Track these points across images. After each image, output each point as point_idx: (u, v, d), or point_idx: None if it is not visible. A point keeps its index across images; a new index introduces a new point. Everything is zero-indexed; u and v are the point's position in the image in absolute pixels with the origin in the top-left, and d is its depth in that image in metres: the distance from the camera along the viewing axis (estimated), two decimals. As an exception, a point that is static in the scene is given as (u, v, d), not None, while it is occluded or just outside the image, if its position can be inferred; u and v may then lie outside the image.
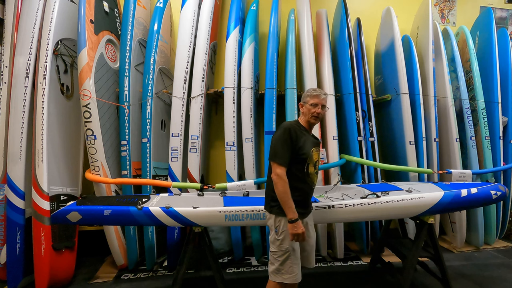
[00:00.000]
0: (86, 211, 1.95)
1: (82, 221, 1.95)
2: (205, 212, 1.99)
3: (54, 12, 2.45)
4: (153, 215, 1.95)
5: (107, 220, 1.97)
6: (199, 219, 1.99)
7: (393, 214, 2.15)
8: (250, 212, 2.00)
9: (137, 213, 1.95)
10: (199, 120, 2.65)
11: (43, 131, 2.33)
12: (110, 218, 1.96)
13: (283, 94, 2.82)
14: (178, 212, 1.96)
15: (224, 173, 2.69)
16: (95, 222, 1.98)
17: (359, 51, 3.07)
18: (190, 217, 1.97)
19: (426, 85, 3.10)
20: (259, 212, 1.99)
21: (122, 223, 2.08)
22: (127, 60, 2.71)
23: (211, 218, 1.99)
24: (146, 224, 2.06)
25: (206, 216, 1.99)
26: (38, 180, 2.31)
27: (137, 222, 1.98)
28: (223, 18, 3.37)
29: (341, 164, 2.79)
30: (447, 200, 2.08)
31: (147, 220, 1.96)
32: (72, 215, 1.94)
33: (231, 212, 1.99)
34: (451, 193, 2.10)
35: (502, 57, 3.33)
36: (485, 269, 2.70)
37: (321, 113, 1.75)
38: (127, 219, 1.96)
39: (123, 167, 2.67)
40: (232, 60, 2.72)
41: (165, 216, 1.95)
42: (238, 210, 2.00)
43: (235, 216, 1.99)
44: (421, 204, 2.07)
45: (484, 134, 3.14)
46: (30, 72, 2.41)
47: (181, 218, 1.96)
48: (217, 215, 1.98)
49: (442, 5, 3.99)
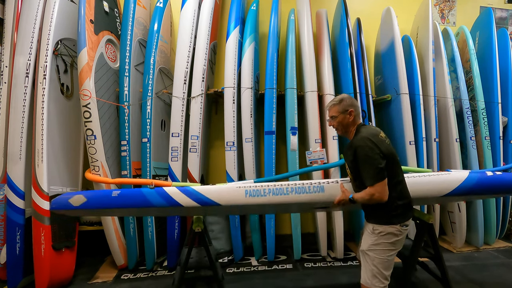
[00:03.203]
0: (92, 194, 1.81)
1: (86, 204, 1.77)
2: (223, 188, 1.89)
3: (54, 12, 2.45)
4: (167, 194, 1.82)
5: (115, 202, 1.79)
6: (217, 195, 1.85)
7: (419, 191, 1.97)
8: (272, 187, 1.87)
9: (149, 193, 1.82)
10: (199, 120, 2.65)
11: (43, 131, 2.33)
12: (119, 200, 1.79)
13: (283, 94, 2.82)
14: (195, 190, 1.84)
15: (224, 173, 2.69)
16: (101, 205, 1.79)
17: (359, 51, 3.07)
18: (207, 194, 1.84)
19: (426, 85, 3.10)
20: (281, 186, 1.88)
21: (132, 205, 1.84)
22: (127, 60, 2.71)
23: (230, 194, 1.86)
24: (160, 205, 1.82)
25: (225, 192, 1.87)
26: (38, 180, 2.31)
27: (150, 203, 1.80)
28: (223, 18, 3.37)
29: (341, 164, 2.79)
30: (474, 180, 1.98)
31: (161, 201, 1.81)
32: (75, 199, 1.77)
33: (251, 187, 1.87)
34: (476, 172, 2.05)
35: (502, 57, 3.33)
36: (485, 269, 2.70)
37: (333, 124, 1.76)
38: (138, 200, 1.81)
39: (123, 167, 2.67)
40: (232, 60, 2.72)
41: (180, 195, 1.82)
42: (259, 185, 1.88)
43: (256, 191, 1.86)
44: (447, 181, 1.98)
45: (484, 134, 3.14)
46: (30, 72, 2.41)
47: (199, 196, 1.83)
48: (236, 191, 1.87)
49: (442, 5, 3.99)
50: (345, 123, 1.72)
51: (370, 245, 1.62)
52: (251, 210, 2.33)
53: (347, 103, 1.72)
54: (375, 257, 1.60)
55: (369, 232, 1.66)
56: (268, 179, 2.60)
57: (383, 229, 1.60)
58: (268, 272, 2.67)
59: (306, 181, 1.93)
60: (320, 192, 1.90)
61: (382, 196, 1.53)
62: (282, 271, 2.69)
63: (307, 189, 1.90)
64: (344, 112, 1.71)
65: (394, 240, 1.60)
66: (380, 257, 1.60)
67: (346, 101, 1.72)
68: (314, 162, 2.71)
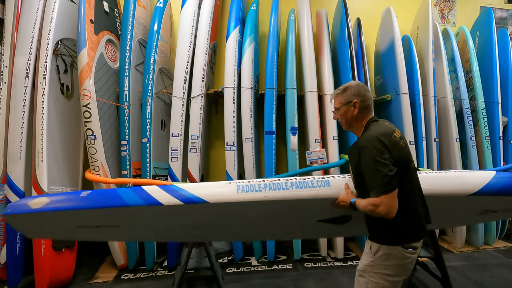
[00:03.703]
0: (57, 195, 1.58)
1: (47, 207, 1.49)
2: (211, 183, 1.68)
3: (54, 12, 2.45)
4: (145, 191, 1.56)
5: (83, 203, 1.50)
6: (203, 191, 1.58)
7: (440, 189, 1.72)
8: (269, 182, 1.61)
9: (124, 192, 1.57)
10: (199, 120, 2.65)
11: (43, 131, 2.33)
12: (88, 199, 1.52)
13: (283, 94, 2.82)
14: (177, 186, 1.60)
15: (224, 173, 2.69)
16: (66, 206, 1.50)
17: (359, 51, 3.07)
18: (191, 189, 1.57)
19: (426, 85, 3.10)
20: (280, 181, 1.62)
21: (104, 205, 1.54)
22: (127, 60, 2.71)
23: (218, 190, 1.61)
24: (136, 204, 1.53)
25: (213, 187, 1.63)
26: (38, 180, 2.31)
27: (124, 203, 1.52)
28: (223, 18, 3.37)
29: (341, 164, 2.79)
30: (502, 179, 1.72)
31: (137, 200, 1.53)
32: (36, 201, 1.51)
33: (244, 182, 1.61)
34: (504, 173, 1.81)
35: (502, 57, 3.33)
36: (485, 269, 2.70)
37: (337, 118, 1.49)
38: (111, 199, 1.53)
39: (123, 167, 2.67)
40: (232, 60, 2.72)
41: (161, 193, 1.56)
42: (254, 180, 1.63)
43: (250, 186, 1.59)
44: (471, 180, 1.72)
45: (484, 134, 3.14)
46: (30, 72, 2.41)
47: (181, 192, 1.56)
48: (226, 186, 1.61)
49: (442, 5, 3.99)
50: (349, 116, 1.41)
51: (365, 266, 1.34)
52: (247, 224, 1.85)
53: (352, 92, 1.40)
54: (370, 281, 1.31)
55: (367, 250, 1.37)
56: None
57: (381, 250, 1.29)
58: (268, 272, 2.67)
59: (308, 176, 1.70)
60: (326, 186, 1.59)
61: (389, 210, 1.23)
62: (282, 271, 2.69)
63: (310, 183, 1.60)
64: (347, 103, 1.40)
65: (394, 264, 1.27)
66: (376, 281, 1.30)
67: (352, 89, 1.41)
68: (314, 162, 2.71)
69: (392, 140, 1.31)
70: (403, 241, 1.28)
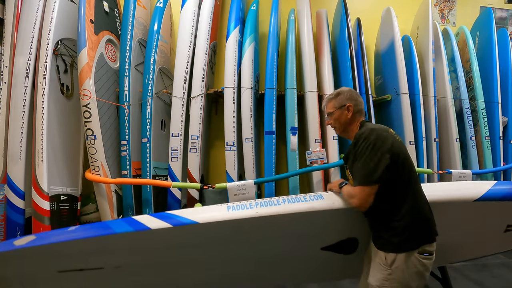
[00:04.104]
0: (45, 232, 1.57)
1: (33, 242, 1.45)
2: (201, 208, 1.66)
3: (54, 12, 2.45)
4: (134, 220, 1.53)
5: (70, 234, 1.47)
6: (193, 213, 1.55)
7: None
8: (260, 200, 1.58)
9: (113, 222, 1.56)
10: (199, 120, 2.65)
11: (43, 131, 2.33)
12: (76, 231, 1.50)
13: (283, 94, 2.82)
14: (167, 212, 1.59)
15: (224, 173, 2.69)
16: (52, 239, 1.47)
17: (359, 51, 3.07)
18: (181, 213, 1.56)
19: (426, 85, 3.09)
20: (271, 199, 1.59)
21: (91, 234, 1.49)
22: (127, 60, 2.71)
23: (208, 210, 1.60)
24: (123, 231, 1.49)
25: (203, 210, 1.62)
26: (38, 180, 2.31)
27: (112, 231, 1.49)
28: (223, 18, 3.37)
29: (341, 164, 2.79)
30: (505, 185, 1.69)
31: (125, 227, 1.50)
32: (24, 239, 1.47)
33: (235, 203, 1.60)
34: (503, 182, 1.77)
35: (502, 57, 3.33)
36: (485, 269, 2.70)
37: (330, 123, 1.52)
38: (98, 229, 1.50)
39: (123, 167, 2.67)
40: (232, 60, 2.72)
41: (149, 218, 1.54)
42: (244, 202, 1.59)
43: (240, 206, 1.57)
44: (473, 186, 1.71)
45: (484, 134, 3.14)
46: (30, 72, 2.41)
47: (170, 216, 1.54)
48: (217, 207, 1.61)
49: (442, 5, 3.99)
50: (343, 120, 1.45)
51: (382, 281, 1.26)
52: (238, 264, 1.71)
53: (345, 96, 1.45)
54: None
55: (380, 262, 1.28)
56: (268, 179, 2.61)
57: (399, 259, 1.23)
58: None
59: (299, 194, 1.65)
60: (319, 199, 1.57)
61: (361, 203, 1.24)
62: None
63: (303, 198, 1.58)
64: (341, 107, 1.44)
65: (414, 271, 1.22)
66: None
67: (345, 94, 1.45)
68: (314, 162, 2.71)
69: (390, 134, 1.32)
70: (417, 243, 1.24)
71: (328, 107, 1.50)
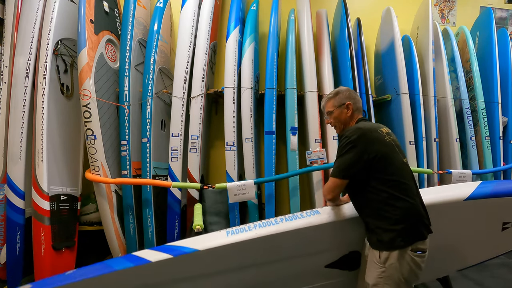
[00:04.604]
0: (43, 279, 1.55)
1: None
2: (200, 237, 1.64)
3: (54, 12, 2.45)
4: (133, 255, 1.54)
5: (69, 277, 1.46)
6: (192, 242, 1.57)
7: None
8: (258, 223, 1.58)
9: (112, 260, 1.60)
10: (199, 120, 2.65)
11: (43, 131, 2.33)
12: (74, 274, 1.49)
13: (283, 94, 2.82)
14: (167, 244, 1.60)
15: (224, 173, 2.69)
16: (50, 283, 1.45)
17: (359, 51, 3.07)
18: (180, 243, 1.56)
19: (426, 85, 3.09)
20: (268, 220, 1.63)
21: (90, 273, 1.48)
22: (127, 60, 2.71)
23: (208, 238, 1.61)
24: (123, 267, 1.48)
25: (202, 237, 1.62)
26: (38, 180, 2.31)
27: (111, 268, 1.47)
28: (223, 18, 3.37)
29: (341, 164, 2.79)
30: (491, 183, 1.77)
31: (124, 263, 1.50)
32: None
33: (233, 228, 1.64)
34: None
35: (502, 57, 3.33)
36: (485, 269, 2.70)
37: (330, 122, 1.55)
38: (97, 268, 1.49)
39: (123, 167, 2.67)
40: (232, 60, 2.72)
41: (148, 252, 1.54)
42: (242, 226, 1.61)
43: (239, 229, 1.61)
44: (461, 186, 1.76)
45: (484, 134, 3.14)
46: (30, 72, 2.41)
47: (169, 247, 1.55)
48: (215, 234, 1.63)
49: (442, 5, 3.99)
50: (343, 118, 1.49)
51: (376, 278, 1.29)
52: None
53: (344, 95, 1.50)
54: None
55: (374, 260, 1.32)
56: (268, 179, 2.61)
57: (392, 257, 1.26)
58: None
59: (296, 213, 1.68)
60: (316, 215, 1.59)
61: (328, 193, 1.37)
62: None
63: (300, 215, 1.61)
64: (340, 106, 1.49)
65: (407, 269, 1.25)
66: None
67: (343, 93, 1.50)
68: (314, 162, 2.71)
69: (375, 134, 1.35)
70: (410, 241, 1.25)
71: (328, 106, 1.54)
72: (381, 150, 1.31)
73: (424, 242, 1.29)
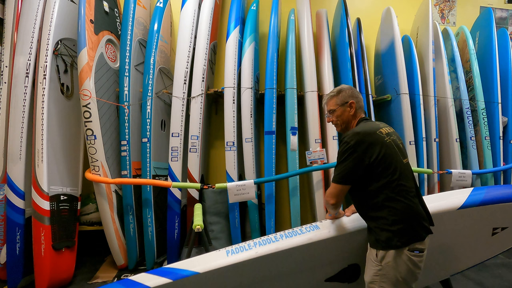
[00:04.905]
0: None
1: None
2: (199, 257, 1.61)
3: (54, 12, 2.44)
4: (129, 279, 1.53)
5: None
6: (191, 264, 1.53)
7: None
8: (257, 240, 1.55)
9: (109, 285, 1.58)
10: (199, 120, 2.65)
11: (43, 131, 2.33)
12: None
13: (283, 94, 2.82)
14: (164, 267, 1.56)
15: (224, 173, 2.69)
16: None
17: (359, 51, 3.07)
18: (179, 265, 1.52)
19: (426, 85, 3.10)
20: (268, 237, 1.58)
21: None
22: (127, 60, 2.71)
23: (207, 259, 1.56)
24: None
25: (201, 258, 1.58)
26: (38, 180, 2.31)
27: None
28: (223, 18, 3.37)
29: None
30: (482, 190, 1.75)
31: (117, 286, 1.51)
32: None
33: (233, 246, 1.60)
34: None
35: (502, 57, 3.33)
36: (485, 269, 2.70)
37: (332, 120, 1.52)
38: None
39: (123, 167, 2.67)
40: (232, 60, 2.72)
41: (145, 277, 1.52)
42: (242, 244, 1.59)
43: (239, 248, 1.58)
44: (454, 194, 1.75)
45: (484, 134, 3.14)
46: (30, 72, 2.41)
47: (168, 270, 1.50)
48: (215, 254, 1.59)
49: (442, 5, 3.98)
50: (346, 117, 1.46)
51: (373, 276, 1.30)
52: None
53: (347, 93, 1.47)
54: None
55: (372, 259, 1.33)
56: (268, 179, 2.61)
57: (389, 255, 1.25)
58: None
59: (295, 228, 1.66)
60: (315, 230, 1.57)
61: (330, 199, 1.35)
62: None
63: (299, 231, 1.58)
64: (343, 104, 1.46)
65: (404, 269, 1.24)
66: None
67: (346, 91, 1.47)
68: (314, 162, 2.71)
69: (374, 137, 1.32)
70: (407, 241, 1.24)
71: (330, 104, 1.51)
72: (380, 153, 1.30)
73: (422, 243, 1.28)
